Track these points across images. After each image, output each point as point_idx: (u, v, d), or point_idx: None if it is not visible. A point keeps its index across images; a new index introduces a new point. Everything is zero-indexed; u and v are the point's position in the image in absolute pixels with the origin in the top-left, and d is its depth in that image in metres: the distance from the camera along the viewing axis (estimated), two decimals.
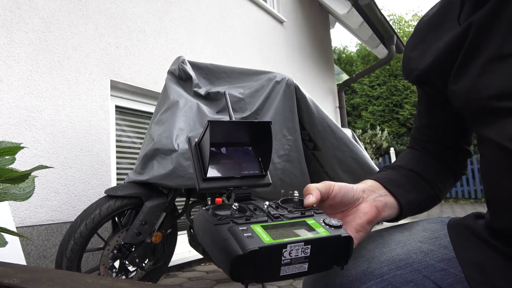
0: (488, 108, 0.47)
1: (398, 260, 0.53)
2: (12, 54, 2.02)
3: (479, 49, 0.49)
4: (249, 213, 0.46)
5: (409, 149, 0.72)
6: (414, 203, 0.61)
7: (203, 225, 0.45)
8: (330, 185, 0.52)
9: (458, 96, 0.53)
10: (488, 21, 0.48)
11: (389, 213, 0.58)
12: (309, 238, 0.41)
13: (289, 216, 0.46)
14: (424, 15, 0.66)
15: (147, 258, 1.83)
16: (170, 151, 1.68)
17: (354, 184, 0.56)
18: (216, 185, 0.52)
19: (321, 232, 0.43)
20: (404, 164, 0.67)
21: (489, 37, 0.48)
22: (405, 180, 0.63)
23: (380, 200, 0.57)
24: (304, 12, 5.75)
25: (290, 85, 1.73)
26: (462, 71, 0.52)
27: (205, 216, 0.45)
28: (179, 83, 2.00)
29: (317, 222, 0.45)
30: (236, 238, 0.39)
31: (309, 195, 0.50)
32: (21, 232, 1.92)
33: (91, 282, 0.30)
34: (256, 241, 0.39)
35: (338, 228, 0.44)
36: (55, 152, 2.15)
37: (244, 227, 0.42)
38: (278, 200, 0.50)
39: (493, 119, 0.47)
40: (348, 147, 1.76)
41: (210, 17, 3.64)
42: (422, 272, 0.51)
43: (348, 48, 20.79)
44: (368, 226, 0.53)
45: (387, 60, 6.44)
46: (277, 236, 0.41)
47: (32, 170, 0.56)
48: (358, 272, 0.52)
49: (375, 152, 8.41)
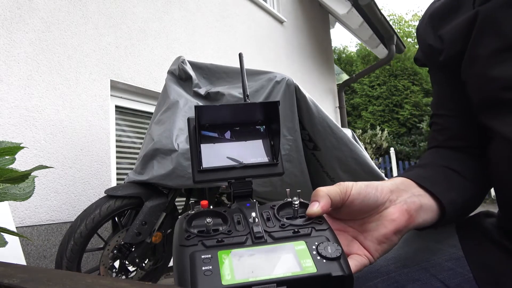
0: (499, 99, 0.45)
1: (405, 258, 0.52)
2: (12, 54, 2.02)
3: (486, 39, 0.47)
4: (227, 228, 0.39)
5: (432, 149, 0.61)
6: (457, 204, 0.49)
7: (174, 239, 0.39)
8: (346, 189, 0.42)
9: (470, 85, 0.51)
10: (496, 12, 0.46)
11: (425, 219, 0.46)
12: (284, 278, 0.33)
13: (277, 235, 0.38)
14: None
15: (147, 258, 1.83)
16: (170, 151, 1.68)
17: (380, 182, 0.46)
18: (214, 177, 0.44)
19: (305, 268, 0.34)
20: (433, 161, 0.56)
21: (497, 28, 0.46)
22: (441, 177, 0.52)
23: (413, 201, 0.45)
24: (304, 12, 5.75)
25: (290, 85, 1.73)
26: (473, 59, 0.49)
27: (178, 229, 0.39)
28: (179, 83, 2.00)
29: (308, 249, 0.36)
30: (193, 271, 0.33)
31: (315, 203, 0.41)
32: (21, 232, 1.92)
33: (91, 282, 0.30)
34: (212, 281, 0.32)
35: (332, 261, 0.35)
36: (55, 152, 2.15)
37: (208, 254, 0.35)
38: (281, 201, 0.43)
39: (505, 111, 0.45)
40: (348, 147, 1.76)
41: (210, 17, 3.64)
42: (429, 271, 0.50)
43: (348, 48, 20.80)
44: (395, 236, 0.43)
45: (387, 60, 6.44)
46: (243, 273, 0.33)
47: (32, 170, 0.56)
48: (365, 269, 0.50)
49: (375, 152, 8.41)
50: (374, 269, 0.51)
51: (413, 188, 0.48)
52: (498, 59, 0.45)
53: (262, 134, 0.47)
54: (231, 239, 0.37)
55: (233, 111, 0.46)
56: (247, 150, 0.46)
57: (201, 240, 0.37)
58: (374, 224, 0.43)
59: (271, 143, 0.46)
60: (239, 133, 0.46)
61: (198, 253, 0.35)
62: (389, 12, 25.50)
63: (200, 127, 0.45)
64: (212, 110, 0.45)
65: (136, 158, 2.60)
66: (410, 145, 10.61)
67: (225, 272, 0.33)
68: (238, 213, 0.41)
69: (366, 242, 0.43)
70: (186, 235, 0.37)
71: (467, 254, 0.51)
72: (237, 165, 0.45)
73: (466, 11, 0.51)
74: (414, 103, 11.17)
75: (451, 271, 0.50)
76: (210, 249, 0.36)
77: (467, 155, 0.56)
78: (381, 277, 0.50)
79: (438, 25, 0.56)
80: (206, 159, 0.44)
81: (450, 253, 0.52)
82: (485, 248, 0.50)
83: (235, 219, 0.40)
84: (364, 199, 0.43)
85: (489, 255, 0.49)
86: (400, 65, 11.65)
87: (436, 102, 0.62)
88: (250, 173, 0.45)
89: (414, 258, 0.52)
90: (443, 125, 0.60)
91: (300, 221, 0.40)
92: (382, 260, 0.52)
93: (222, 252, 0.36)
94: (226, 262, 0.34)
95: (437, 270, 0.50)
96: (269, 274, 0.33)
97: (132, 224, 1.69)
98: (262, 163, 0.45)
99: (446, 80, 0.58)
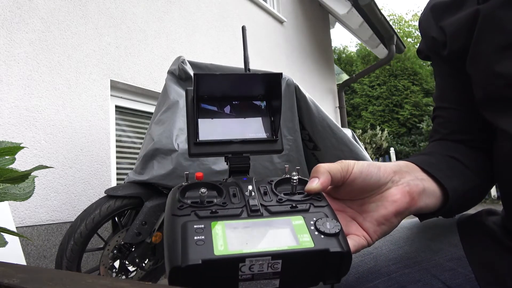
0: (503, 96, 0.45)
1: (406, 259, 0.51)
2: (12, 54, 2.02)
3: (489, 37, 0.47)
4: (222, 200, 0.37)
5: (435, 141, 0.59)
6: (459, 192, 0.47)
7: (166, 209, 0.37)
8: (347, 167, 0.41)
9: (474, 81, 0.50)
10: (497, 11, 0.46)
11: (427, 203, 0.44)
12: (280, 252, 0.32)
13: (274, 210, 0.36)
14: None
15: (147, 258, 1.83)
16: (170, 151, 1.69)
17: (383, 163, 0.44)
18: (211, 150, 0.42)
19: (303, 243, 0.33)
20: (437, 150, 0.54)
21: (499, 27, 0.46)
22: (444, 165, 0.50)
23: (416, 184, 0.44)
24: (304, 12, 5.75)
25: (290, 85, 1.73)
26: (476, 56, 0.49)
27: (170, 199, 0.37)
28: (179, 83, 2.00)
29: (306, 224, 0.35)
30: (184, 241, 0.32)
31: (314, 179, 0.39)
32: (21, 232, 1.92)
33: (91, 282, 0.30)
34: (204, 251, 0.31)
35: (331, 237, 0.34)
36: (55, 152, 2.15)
37: (201, 224, 0.33)
38: (279, 177, 0.41)
39: (508, 108, 0.45)
40: (348, 147, 1.76)
41: (210, 17, 3.64)
42: (430, 271, 0.49)
43: (348, 48, 20.81)
44: (396, 218, 0.42)
45: (387, 60, 6.44)
46: (236, 244, 0.32)
47: (32, 170, 0.56)
48: (365, 269, 0.51)
49: (375, 152, 8.41)
50: (375, 270, 0.50)
51: (417, 172, 0.46)
52: (502, 55, 0.45)
53: (262, 109, 0.45)
54: (226, 211, 0.35)
55: (233, 81, 0.44)
56: (246, 125, 0.44)
57: (194, 211, 0.35)
58: (374, 204, 0.42)
59: (271, 119, 0.45)
60: (239, 108, 0.44)
61: (190, 223, 0.33)
62: (389, 12, 25.52)
63: (198, 98, 0.42)
64: (212, 79, 0.42)
65: (136, 158, 2.60)
66: (410, 145, 10.62)
67: (218, 243, 0.32)
68: (234, 186, 0.39)
69: (365, 223, 0.41)
70: (179, 204, 0.36)
71: (469, 253, 0.50)
72: (235, 139, 0.43)
73: (470, 6, 0.50)
74: (414, 103, 11.18)
75: (453, 272, 0.49)
76: (203, 220, 0.34)
77: (471, 149, 0.55)
78: (381, 278, 0.50)
79: (440, 17, 0.55)
80: (203, 132, 0.42)
81: (452, 253, 0.51)
82: (487, 247, 0.50)
83: (231, 191, 0.38)
84: (366, 177, 0.41)
85: (491, 254, 0.49)
86: (400, 65, 11.65)
87: (439, 95, 0.60)
88: (248, 148, 0.43)
89: (415, 258, 0.51)
90: (447, 118, 0.58)
91: (299, 197, 0.39)
92: (382, 261, 0.51)
93: (216, 223, 0.34)
94: (219, 233, 0.33)
95: (438, 271, 0.49)
96: (264, 247, 0.32)
97: (132, 224, 1.69)
98: (261, 139, 0.44)
99: (450, 72, 0.56)
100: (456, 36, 0.51)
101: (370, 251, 0.53)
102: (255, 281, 0.33)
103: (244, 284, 0.33)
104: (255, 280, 0.33)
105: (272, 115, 0.45)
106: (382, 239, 0.54)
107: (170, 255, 0.32)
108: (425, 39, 0.59)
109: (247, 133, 0.44)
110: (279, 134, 0.44)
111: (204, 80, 0.42)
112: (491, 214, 0.55)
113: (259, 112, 0.45)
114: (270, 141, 0.44)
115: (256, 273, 0.32)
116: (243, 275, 0.32)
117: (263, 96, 0.45)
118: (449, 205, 0.46)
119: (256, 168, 1.72)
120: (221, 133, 0.43)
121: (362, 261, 0.52)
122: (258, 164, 1.73)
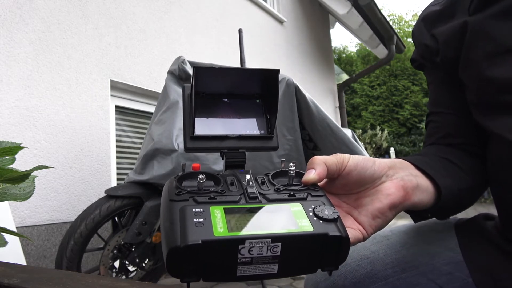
0: (495, 101, 0.46)
1: (403, 263, 0.51)
2: (12, 54, 2.02)
3: (479, 45, 0.48)
4: (220, 188, 0.37)
5: (429, 146, 0.60)
6: (453, 190, 0.48)
7: (163, 197, 0.37)
8: (343, 159, 0.42)
9: (467, 87, 0.51)
10: (484, 22, 0.47)
11: (421, 199, 0.45)
12: (279, 234, 0.32)
13: (272, 197, 0.37)
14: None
15: (147, 258, 1.83)
16: (170, 151, 1.69)
17: (378, 158, 0.45)
18: (207, 145, 0.43)
19: (302, 227, 0.33)
20: (431, 152, 0.56)
21: (487, 36, 0.47)
22: (438, 164, 0.51)
23: (410, 180, 0.44)
24: (304, 12, 5.75)
25: (290, 85, 1.73)
26: (468, 63, 0.50)
27: (168, 186, 0.37)
28: (179, 83, 2.00)
29: (304, 210, 0.35)
30: (183, 223, 0.32)
31: (311, 170, 0.40)
32: (21, 232, 1.92)
33: (91, 282, 0.30)
34: (203, 232, 0.31)
35: (330, 222, 0.34)
36: (55, 152, 2.15)
37: (200, 208, 0.33)
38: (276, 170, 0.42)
39: (500, 112, 0.45)
40: (348, 147, 1.76)
41: (210, 17, 3.64)
42: (427, 276, 0.49)
43: (348, 48, 20.80)
44: (390, 212, 0.42)
45: (387, 60, 6.44)
46: (236, 227, 0.32)
47: (32, 170, 0.56)
48: (362, 274, 0.50)
49: (375, 152, 8.41)
50: (372, 274, 0.50)
51: (411, 169, 0.47)
52: (492, 62, 0.46)
53: (259, 106, 0.46)
54: (224, 197, 0.35)
55: (231, 75, 0.44)
56: (242, 121, 0.45)
57: (193, 196, 0.35)
58: (369, 198, 0.42)
59: (268, 116, 0.45)
60: (236, 104, 0.45)
61: (189, 207, 0.33)
62: (389, 12, 25.50)
63: (196, 93, 0.43)
64: (211, 72, 0.43)
65: (136, 158, 2.60)
66: (410, 145, 10.62)
67: (217, 225, 0.32)
68: (231, 176, 0.39)
69: (361, 217, 0.41)
70: (177, 191, 0.36)
71: (466, 257, 0.50)
72: (231, 135, 0.43)
73: (461, 15, 0.52)
74: (414, 103, 11.18)
75: (450, 276, 0.49)
76: (202, 204, 0.34)
77: (464, 153, 0.55)
78: (379, 282, 0.49)
79: (432, 26, 0.57)
80: (199, 126, 0.43)
81: (449, 257, 0.51)
82: (485, 252, 0.49)
83: (229, 181, 0.38)
84: (361, 171, 0.42)
85: (490, 259, 0.48)
86: (400, 65, 11.65)
87: (433, 101, 0.61)
88: (244, 144, 0.43)
89: (412, 262, 0.51)
90: (440, 123, 0.59)
91: (296, 188, 0.39)
92: (380, 265, 0.51)
93: (215, 207, 0.34)
94: (218, 216, 0.33)
95: (436, 275, 0.49)
96: (264, 230, 0.32)
97: (132, 224, 1.69)
98: (257, 135, 0.44)
99: (444, 78, 0.58)
100: (447, 44, 0.53)
101: (367, 256, 0.53)
102: (254, 265, 0.32)
103: (242, 268, 0.32)
104: (254, 264, 0.32)
105: (268, 112, 0.45)
106: (379, 244, 0.54)
107: (168, 237, 0.31)
108: (418, 47, 0.60)
109: (243, 129, 0.44)
110: (275, 131, 0.45)
111: (202, 73, 0.42)
112: (488, 219, 0.55)
113: (255, 109, 0.46)
114: (266, 138, 0.44)
115: (255, 256, 0.32)
116: (242, 258, 0.32)
117: (260, 93, 0.46)
118: (442, 202, 0.47)
119: (256, 168, 1.72)
120: (217, 128, 0.43)
121: (359, 265, 0.51)
122: (258, 163, 1.73)
